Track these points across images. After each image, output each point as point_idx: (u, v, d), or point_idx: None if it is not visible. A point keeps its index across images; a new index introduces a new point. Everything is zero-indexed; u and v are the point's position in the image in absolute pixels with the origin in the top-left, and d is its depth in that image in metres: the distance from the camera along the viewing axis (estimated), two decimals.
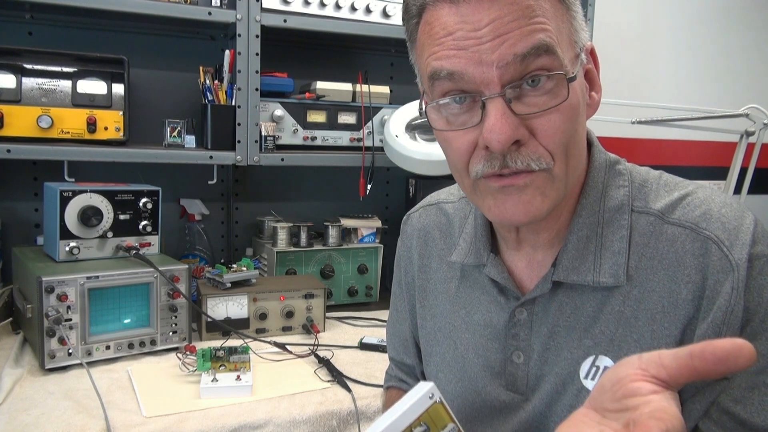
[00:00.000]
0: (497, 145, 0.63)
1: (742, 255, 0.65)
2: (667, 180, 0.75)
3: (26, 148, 1.47)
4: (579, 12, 0.67)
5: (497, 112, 0.62)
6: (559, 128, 0.64)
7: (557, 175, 0.66)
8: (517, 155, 0.64)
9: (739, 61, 2.86)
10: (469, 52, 0.62)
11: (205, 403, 1.15)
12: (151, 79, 1.84)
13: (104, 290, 1.31)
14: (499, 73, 0.62)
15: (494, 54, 0.61)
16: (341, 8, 1.73)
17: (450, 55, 0.63)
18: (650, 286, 0.69)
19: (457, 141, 0.68)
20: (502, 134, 0.62)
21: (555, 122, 0.64)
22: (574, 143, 0.66)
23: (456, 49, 0.63)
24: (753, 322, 0.65)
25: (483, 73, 0.62)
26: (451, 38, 0.63)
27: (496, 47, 0.61)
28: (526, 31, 0.61)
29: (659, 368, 0.48)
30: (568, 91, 0.63)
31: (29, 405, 1.11)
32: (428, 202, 0.95)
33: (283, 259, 1.78)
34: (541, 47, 0.61)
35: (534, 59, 0.62)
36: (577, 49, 0.67)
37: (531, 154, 0.64)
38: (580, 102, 0.66)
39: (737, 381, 0.65)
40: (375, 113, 1.86)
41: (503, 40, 0.61)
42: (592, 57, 0.71)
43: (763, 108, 1.89)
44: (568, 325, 0.73)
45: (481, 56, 0.62)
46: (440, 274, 0.88)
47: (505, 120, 0.62)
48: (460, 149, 0.68)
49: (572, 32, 0.66)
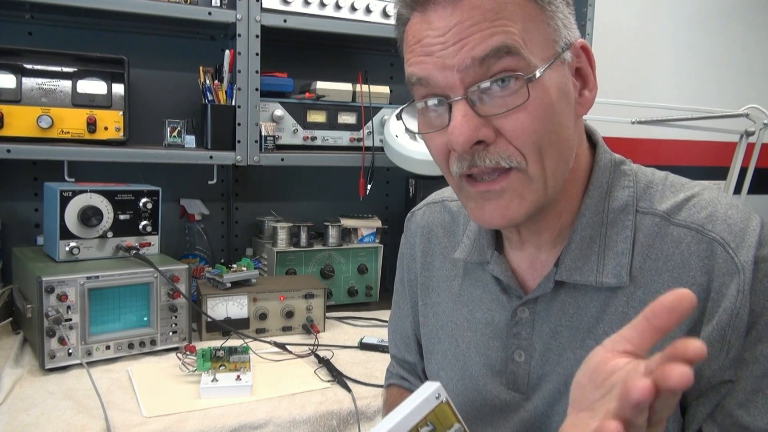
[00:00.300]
0: (458, 145, 0.65)
1: (748, 257, 0.64)
2: (673, 181, 0.75)
3: (26, 148, 1.46)
4: (560, 10, 0.67)
5: (459, 113, 0.64)
6: (527, 127, 0.64)
7: (533, 176, 0.66)
8: (485, 154, 0.65)
9: (739, 61, 2.86)
10: (434, 57, 0.64)
11: (205, 403, 1.15)
12: (151, 79, 1.84)
13: (104, 290, 1.31)
14: (460, 76, 0.63)
15: (455, 58, 0.63)
16: (341, 8, 1.73)
17: (419, 61, 0.66)
18: (655, 287, 0.68)
19: (433, 142, 0.70)
20: (461, 135, 0.64)
21: (523, 121, 0.64)
22: (549, 142, 0.66)
23: (423, 55, 0.65)
24: (758, 324, 0.64)
25: (446, 78, 0.64)
26: (419, 45, 0.66)
27: (456, 51, 0.63)
28: (486, 34, 0.62)
29: (624, 343, 0.49)
30: (528, 91, 0.63)
31: (29, 405, 1.11)
32: (432, 199, 0.96)
33: (283, 259, 1.78)
34: (501, 48, 0.62)
35: (495, 61, 0.62)
36: (558, 48, 0.66)
37: (500, 152, 0.65)
38: (553, 101, 0.65)
39: (742, 384, 0.65)
40: (375, 113, 1.86)
41: (463, 45, 0.62)
42: (585, 54, 0.70)
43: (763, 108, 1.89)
44: (570, 325, 0.72)
45: (444, 61, 0.64)
46: (443, 271, 0.88)
47: (466, 121, 0.64)
48: (438, 150, 0.70)
49: (549, 31, 0.65)
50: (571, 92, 0.69)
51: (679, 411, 0.69)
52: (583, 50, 0.70)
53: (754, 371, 0.65)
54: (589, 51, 0.71)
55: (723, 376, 0.65)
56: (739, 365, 0.65)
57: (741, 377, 0.65)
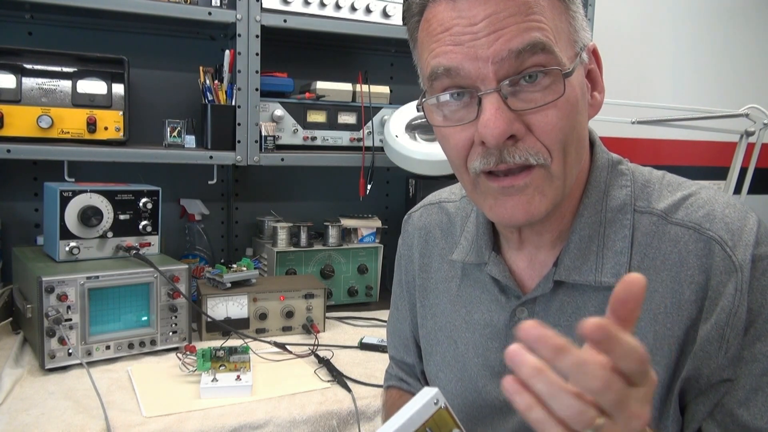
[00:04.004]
0: (492, 139, 0.63)
1: (745, 256, 0.65)
2: (670, 180, 0.75)
3: (26, 148, 1.47)
4: (579, 11, 0.67)
5: (492, 106, 0.63)
6: (556, 124, 0.64)
7: (555, 173, 0.66)
8: (515, 150, 0.64)
9: (739, 61, 2.86)
10: (465, 47, 0.62)
11: (205, 403, 1.15)
12: (151, 79, 1.84)
13: (104, 290, 1.31)
14: (495, 68, 0.62)
15: (490, 49, 0.61)
16: (341, 8, 1.73)
17: (447, 51, 0.64)
18: (653, 286, 0.68)
19: (454, 137, 0.68)
20: (496, 128, 0.62)
21: (552, 118, 0.63)
22: (571, 141, 0.66)
23: (452, 44, 0.63)
24: (756, 323, 0.64)
25: (479, 69, 0.62)
26: (447, 34, 0.64)
27: (491, 42, 0.61)
28: (522, 27, 0.61)
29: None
30: (564, 87, 0.63)
31: (29, 405, 1.11)
32: (429, 201, 0.95)
33: (283, 259, 1.78)
34: (537, 44, 0.61)
35: (530, 56, 0.62)
36: (577, 48, 0.66)
37: (529, 149, 0.64)
38: (578, 99, 0.66)
39: (741, 383, 0.65)
40: (375, 113, 1.86)
41: (499, 36, 0.61)
42: (595, 57, 0.71)
43: (763, 108, 1.89)
44: (569, 324, 0.72)
45: (476, 51, 0.62)
46: (441, 273, 0.88)
47: (500, 114, 0.62)
48: (457, 145, 0.68)
49: (571, 31, 0.66)
50: (586, 93, 0.69)
51: (678, 410, 0.69)
52: (594, 53, 0.70)
53: (753, 370, 0.65)
54: (598, 54, 0.71)
55: (722, 374, 0.65)
56: (738, 364, 0.65)
57: (740, 376, 0.65)
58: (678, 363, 0.67)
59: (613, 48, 2.54)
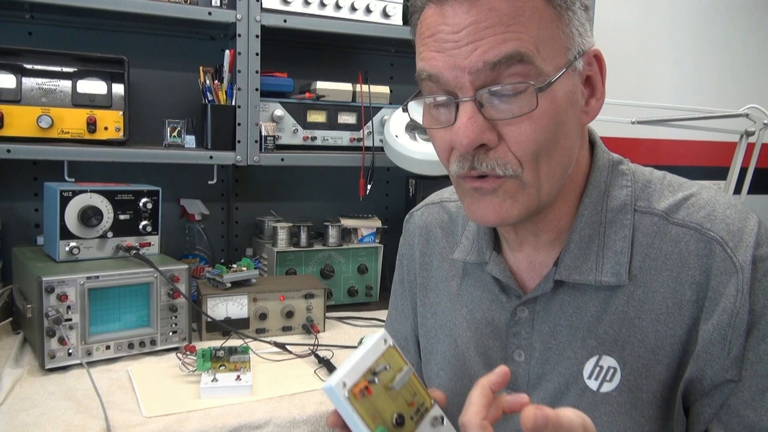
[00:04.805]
0: (461, 147, 0.64)
1: (746, 257, 0.65)
2: (671, 180, 0.75)
3: (26, 148, 1.46)
4: (577, 17, 0.65)
5: (465, 115, 0.63)
6: (528, 137, 0.64)
7: (527, 182, 0.66)
8: (485, 158, 0.65)
9: (739, 61, 2.86)
10: (446, 55, 0.63)
11: (205, 403, 1.15)
12: (151, 79, 1.84)
13: (104, 290, 1.31)
14: (471, 78, 0.63)
15: (467, 59, 0.62)
16: (341, 8, 1.73)
17: (431, 57, 0.65)
18: (654, 286, 0.69)
19: (438, 139, 0.69)
20: (465, 137, 0.63)
21: (525, 130, 0.63)
22: (547, 151, 0.65)
23: (436, 51, 0.64)
24: (760, 324, 0.65)
25: (456, 78, 0.63)
26: (432, 39, 0.65)
27: (469, 53, 0.62)
28: (500, 39, 0.61)
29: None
30: (537, 101, 0.62)
31: (29, 405, 1.11)
32: (431, 200, 0.96)
33: (283, 259, 1.78)
34: (514, 56, 0.61)
35: (506, 68, 0.62)
36: (570, 55, 0.65)
37: (498, 159, 0.64)
38: (560, 111, 0.65)
39: (747, 384, 0.65)
40: (375, 113, 1.86)
41: (476, 47, 0.62)
42: (597, 62, 0.69)
43: (763, 108, 1.89)
44: (570, 324, 0.73)
45: (456, 60, 0.63)
46: (442, 272, 0.88)
47: (471, 123, 0.63)
48: (441, 146, 0.70)
49: (564, 38, 0.64)
50: (578, 101, 0.68)
51: (682, 411, 0.69)
52: (596, 59, 0.69)
53: (758, 371, 0.65)
54: (601, 60, 0.70)
55: (725, 375, 0.65)
56: (742, 365, 0.65)
57: (746, 377, 0.65)
58: (681, 363, 0.68)
59: (613, 48, 2.54)
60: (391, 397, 0.59)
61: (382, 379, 0.59)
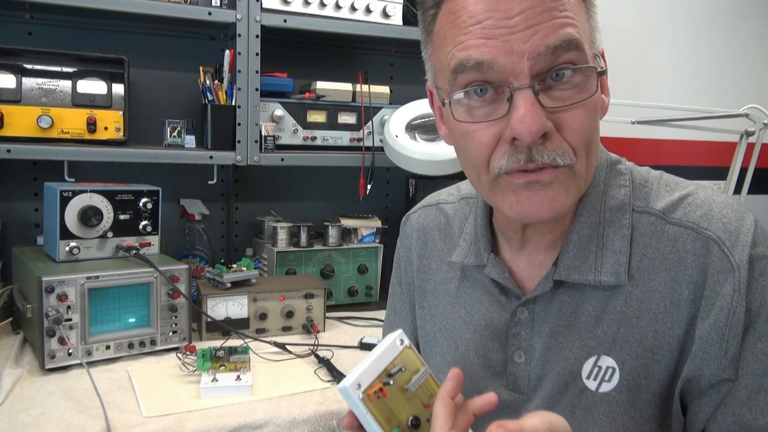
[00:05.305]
0: (528, 136, 0.61)
1: (743, 257, 0.65)
2: (668, 180, 0.75)
3: (26, 148, 1.47)
4: (595, 13, 0.68)
5: (527, 103, 0.61)
6: (582, 124, 0.63)
7: (578, 172, 0.66)
8: (543, 149, 0.63)
9: (739, 61, 2.86)
10: (499, 41, 0.61)
11: (205, 403, 1.15)
12: (151, 79, 1.84)
13: (104, 290, 1.31)
14: (530, 64, 0.61)
15: (526, 44, 0.60)
16: (341, 8, 1.73)
17: (479, 44, 0.62)
18: (652, 286, 0.69)
19: (479, 134, 0.66)
20: (533, 125, 0.61)
21: (579, 117, 0.63)
22: (593, 141, 0.66)
23: (485, 38, 0.62)
24: (757, 323, 0.65)
25: (513, 63, 0.61)
26: (479, 27, 0.62)
27: (528, 37, 0.60)
28: (557, 23, 0.61)
29: None
30: (596, 86, 0.63)
31: (29, 405, 1.11)
32: (428, 202, 0.95)
33: (283, 259, 1.78)
34: (572, 41, 0.61)
35: (564, 52, 0.61)
36: (595, 49, 0.67)
37: (556, 148, 0.63)
38: (599, 100, 0.66)
39: (743, 383, 0.65)
40: (375, 113, 1.86)
41: (535, 31, 0.60)
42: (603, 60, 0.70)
43: (763, 108, 1.89)
44: (569, 324, 0.73)
45: (512, 46, 0.61)
46: (440, 274, 0.88)
47: (535, 111, 0.61)
48: (482, 143, 0.66)
49: (591, 32, 0.66)
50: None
51: (680, 410, 0.69)
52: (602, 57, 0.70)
53: (755, 370, 0.65)
54: (605, 58, 0.71)
55: (723, 374, 0.65)
56: (738, 364, 0.65)
57: (742, 376, 0.65)
58: (679, 362, 0.68)
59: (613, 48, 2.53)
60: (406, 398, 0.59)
61: (398, 380, 0.59)
